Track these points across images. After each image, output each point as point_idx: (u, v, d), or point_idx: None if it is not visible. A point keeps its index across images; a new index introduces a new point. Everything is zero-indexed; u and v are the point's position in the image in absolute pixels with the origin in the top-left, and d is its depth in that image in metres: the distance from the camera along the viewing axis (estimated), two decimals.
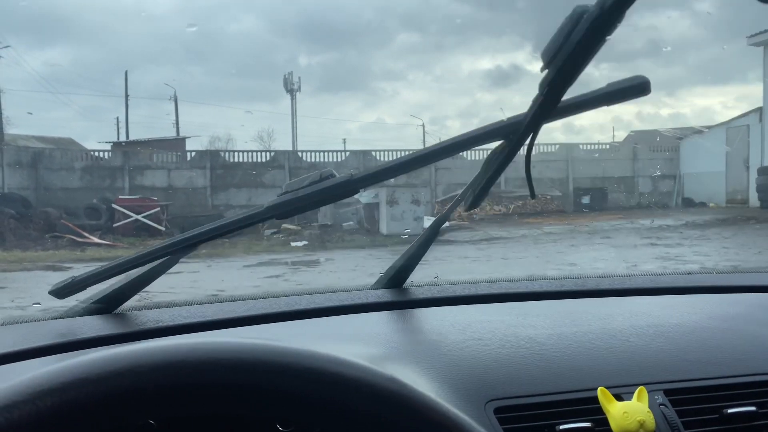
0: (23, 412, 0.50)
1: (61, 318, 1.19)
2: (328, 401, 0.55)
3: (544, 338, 1.10)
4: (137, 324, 1.14)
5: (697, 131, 23.41)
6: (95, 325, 1.13)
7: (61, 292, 1.16)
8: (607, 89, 1.00)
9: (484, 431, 0.59)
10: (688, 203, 21.26)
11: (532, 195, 1.15)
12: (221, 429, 0.81)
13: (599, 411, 0.90)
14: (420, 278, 1.42)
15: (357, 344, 1.07)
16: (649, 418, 0.88)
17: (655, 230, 15.33)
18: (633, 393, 0.91)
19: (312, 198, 1.05)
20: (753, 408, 0.95)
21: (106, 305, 1.18)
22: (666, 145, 23.66)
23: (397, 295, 1.35)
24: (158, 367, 0.53)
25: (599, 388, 0.91)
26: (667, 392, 0.95)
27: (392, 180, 21.30)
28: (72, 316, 1.18)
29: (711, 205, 20.13)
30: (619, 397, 0.92)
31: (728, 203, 20.53)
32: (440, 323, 1.22)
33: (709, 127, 22.78)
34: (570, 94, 0.93)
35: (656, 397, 0.94)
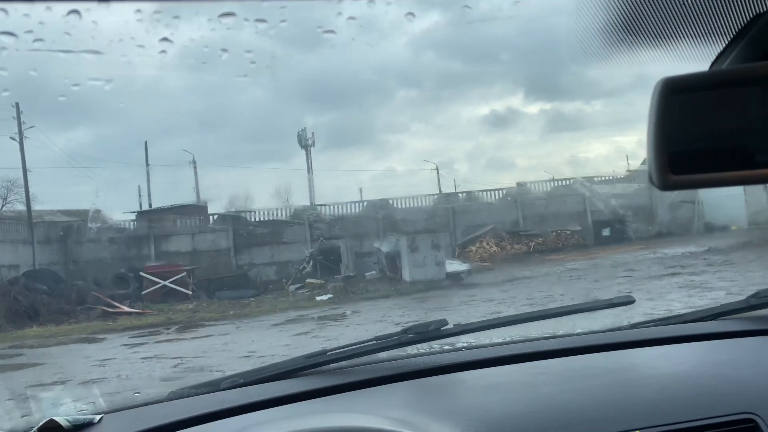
0: None
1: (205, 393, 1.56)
2: None
3: (561, 394, 1.30)
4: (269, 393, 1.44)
5: None
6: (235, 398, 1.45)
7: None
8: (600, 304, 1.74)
9: None
10: (710, 228, 21.13)
11: None
12: None
13: None
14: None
15: (396, 410, 1.26)
16: None
17: (678, 258, 15.28)
18: None
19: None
20: None
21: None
22: None
23: (429, 362, 1.54)
24: None
25: None
26: None
27: (412, 226, 21.09)
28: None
29: (733, 228, 19.99)
30: None
31: (750, 225, 20.38)
32: (470, 386, 1.41)
33: None
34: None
35: None
